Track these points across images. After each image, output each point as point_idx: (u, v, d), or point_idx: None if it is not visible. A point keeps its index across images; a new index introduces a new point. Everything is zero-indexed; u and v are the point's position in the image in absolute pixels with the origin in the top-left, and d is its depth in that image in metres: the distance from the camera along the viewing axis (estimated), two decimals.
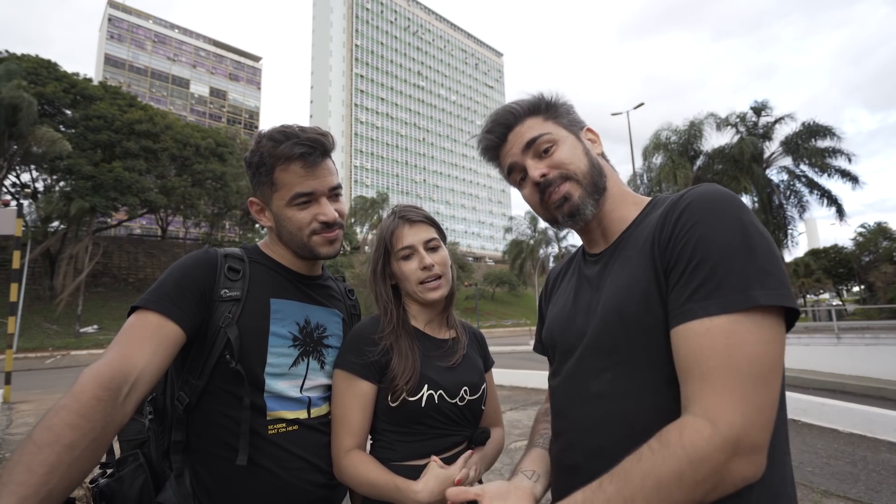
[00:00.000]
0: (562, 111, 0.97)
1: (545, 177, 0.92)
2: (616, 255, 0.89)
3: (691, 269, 0.69)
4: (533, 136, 0.93)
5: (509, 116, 0.96)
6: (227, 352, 1.02)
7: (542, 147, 0.92)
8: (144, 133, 27.21)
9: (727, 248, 0.67)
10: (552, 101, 0.98)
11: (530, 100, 0.97)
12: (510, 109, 0.97)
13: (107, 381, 0.81)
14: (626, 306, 0.79)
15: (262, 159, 1.11)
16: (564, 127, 0.96)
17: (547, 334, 1.04)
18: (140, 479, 1.03)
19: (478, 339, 1.38)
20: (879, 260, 36.46)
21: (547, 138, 0.92)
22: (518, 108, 0.96)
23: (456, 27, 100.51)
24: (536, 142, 0.92)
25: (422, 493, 1.00)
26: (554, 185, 0.91)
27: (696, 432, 0.61)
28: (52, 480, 0.68)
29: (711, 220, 0.70)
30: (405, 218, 1.24)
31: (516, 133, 0.95)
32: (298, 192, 1.11)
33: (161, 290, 0.99)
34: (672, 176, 24.61)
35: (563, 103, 0.99)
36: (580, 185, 0.91)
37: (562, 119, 0.97)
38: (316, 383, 1.16)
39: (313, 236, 1.14)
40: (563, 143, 0.93)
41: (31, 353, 18.93)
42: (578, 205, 0.90)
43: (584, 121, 1.00)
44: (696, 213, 0.72)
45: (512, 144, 0.96)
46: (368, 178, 76.14)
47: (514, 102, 0.98)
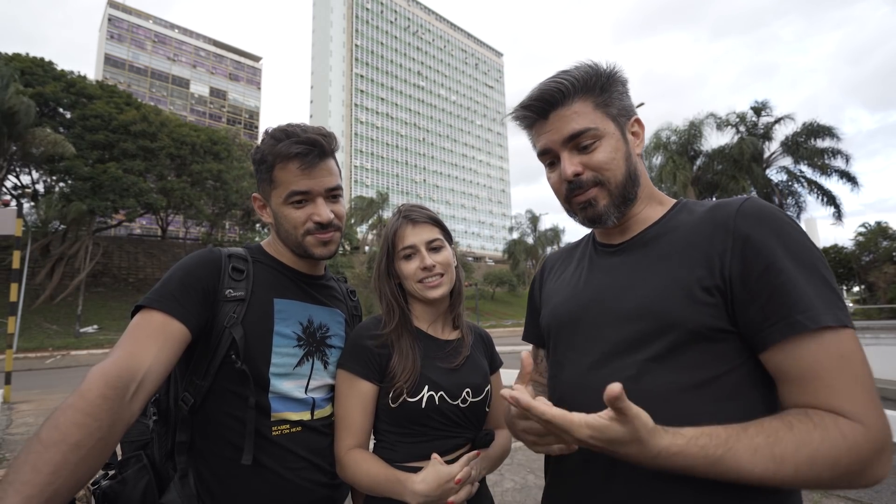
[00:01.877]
0: (615, 95, 0.87)
1: (578, 176, 0.85)
2: (643, 251, 0.86)
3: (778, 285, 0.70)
4: (577, 129, 0.84)
5: (557, 94, 0.85)
6: (232, 352, 1.03)
7: (584, 142, 0.85)
8: (140, 133, 27.15)
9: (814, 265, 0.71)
10: (609, 79, 0.87)
11: (585, 73, 0.86)
12: (559, 86, 0.85)
13: (114, 380, 0.81)
14: (665, 306, 0.77)
15: (263, 156, 1.12)
16: (613, 118, 0.87)
17: (551, 319, 0.99)
18: (143, 480, 1.03)
19: (484, 340, 1.38)
20: (879, 260, 36.46)
21: (592, 133, 0.84)
22: (569, 84, 0.84)
23: (456, 27, 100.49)
24: (581, 136, 0.84)
25: (420, 485, 1.00)
26: (583, 188, 0.86)
27: (853, 428, 0.64)
28: (58, 480, 0.68)
29: (787, 239, 0.73)
30: (409, 218, 1.25)
31: (560, 116, 0.85)
32: (294, 191, 1.11)
33: (165, 289, 0.99)
34: (672, 176, 24.61)
35: (619, 82, 0.88)
36: (610, 193, 0.86)
37: (612, 107, 0.87)
38: (320, 384, 1.17)
39: (307, 236, 1.14)
40: (606, 141, 0.85)
41: (31, 353, 18.91)
42: (602, 213, 0.86)
43: (633, 106, 0.91)
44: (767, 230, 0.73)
45: (552, 127, 0.86)
46: (368, 178, 76.11)
47: (565, 75, 0.86)
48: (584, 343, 0.88)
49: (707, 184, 25.71)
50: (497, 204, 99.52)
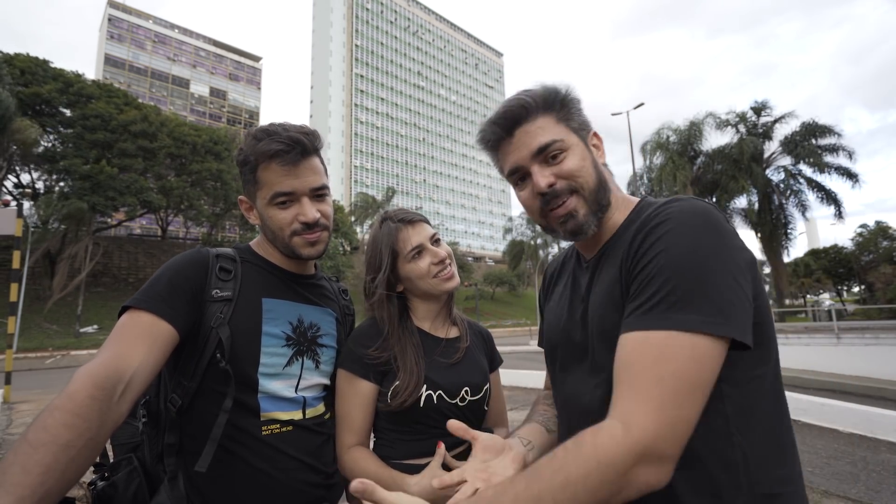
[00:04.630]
0: (574, 111, 0.91)
1: (552, 187, 0.86)
2: (601, 265, 0.89)
3: (644, 283, 0.71)
4: (545, 142, 0.86)
5: (521, 111, 0.88)
6: (218, 352, 1.02)
7: (551, 153, 0.87)
8: (140, 133, 27.11)
9: (680, 268, 0.69)
10: (567, 98, 0.90)
11: (544, 93, 0.89)
12: (522, 103, 0.88)
13: (101, 381, 0.80)
14: (604, 322, 0.80)
15: (245, 157, 1.10)
16: (575, 131, 0.90)
17: (547, 339, 1.03)
18: (134, 483, 1.03)
19: (485, 338, 1.39)
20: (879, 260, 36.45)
21: (559, 145, 0.86)
22: (531, 101, 0.88)
23: (456, 27, 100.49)
24: (548, 148, 0.86)
25: (414, 488, 1.02)
26: (561, 198, 0.86)
27: (609, 435, 0.62)
28: (49, 481, 0.68)
29: (674, 239, 0.71)
30: (404, 220, 1.25)
31: (525, 131, 0.88)
32: (278, 192, 1.09)
33: (153, 289, 0.98)
34: (672, 176, 24.62)
35: (575, 100, 0.92)
36: (586, 201, 0.87)
37: (573, 121, 0.90)
38: (311, 383, 1.16)
39: (294, 237, 1.12)
40: (573, 151, 0.87)
41: (31, 353, 18.92)
42: (582, 224, 0.87)
43: (589, 121, 0.94)
44: (662, 230, 0.73)
45: (519, 143, 0.89)
46: (368, 178, 76.12)
47: (525, 94, 0.89)
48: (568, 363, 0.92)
49: (707, 184, 25.70)
50: (497, 204, 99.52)
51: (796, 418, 5.79)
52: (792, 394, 6.34)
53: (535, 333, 26.31)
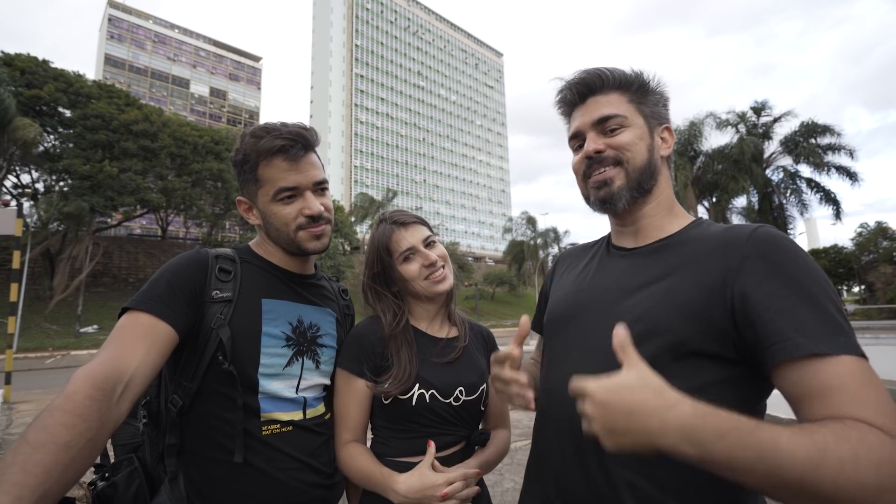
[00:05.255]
0: (651, 99, 0.93)
1: (599, 153, 0.90)
2: (651, 258, 0.88)
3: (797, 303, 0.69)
4: (608, 113, 0.89)
5: (597, 80, 0.92)
6: (219, 353, 1.02)
7: (610, 126, 0.90)
8: (142, 133, 27.10)
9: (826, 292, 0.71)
10: (645, 84, 0.93)
11: (625, 73, 0.93)
12: (601, 74, 0.92)
13: (101, 382, 0.80)
14: (657, 315, 0.78)
15: (245, 157, 1.10)
16: (644, 115, 0.92)
17: (551, 312, 1.02)
18: (135, 483, 1.03)
19: (485, 338, 1.39)
20: (879, 260, 36.45)
21: (619, 120, 0.89)
22: (610, 76, 0.92)
23: (456, 27, 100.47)
24: (609, 120, 0.89)
25: (401, 486, 1.04)
26: (603, 164, 0.90)
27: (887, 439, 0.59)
28: (49, 481, 0.68)
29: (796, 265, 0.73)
30: (398, 222, 1.26)
31: (596, 100, 0.92)
32: (282, 187, 1.10)
33: (152, 291, 0.98)
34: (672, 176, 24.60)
35: (656, 91, 0.94)
36: (627, 175, 0.89)
37: (646, 107, 0.92)
38: (311, 383, 1.16)
39: (299, 231, 1.13)
40: (632, 129, 0.90)
41: (31, 353, 18.91)
42: (614, 193, 0.89)
43: (668, 117, 0.96)
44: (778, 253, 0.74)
45: (587, 110, 0.93)
46: (368, 178, 76.11)
47: (608, 68, 0.93)
48: (576, 339, 0.90)
49: (707, 184, 25.70)
50: (497, 204, 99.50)
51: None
52: None
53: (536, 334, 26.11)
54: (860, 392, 0.64)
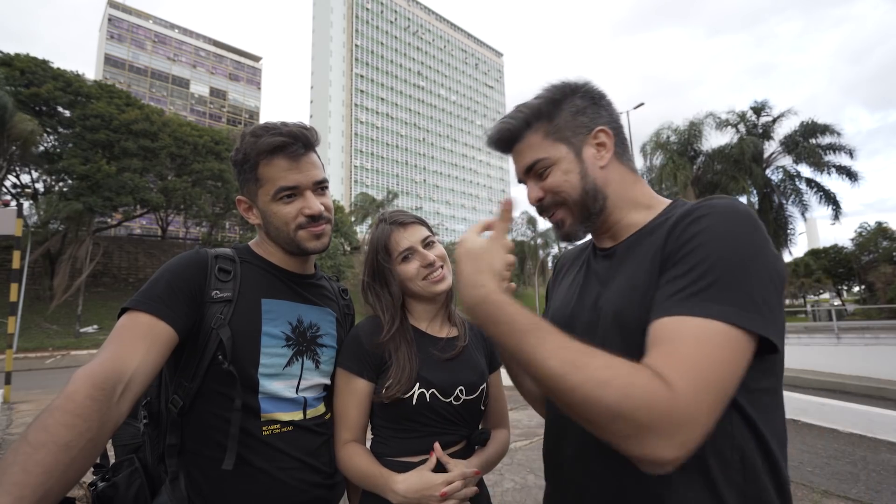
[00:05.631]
0: (566, 113, 0.90)
1: (540, 201, 0.93)
2: (625, 255, 0.89)
3: (684, 270, 0.70)
4: (528, 162, 0.92)
5: (507, 134, 0.94)
6: (219, 353, 1.02)
7: (538, 170, 0.92)
8: (142, 132, 27.08)
9: (724, 258, 0.68)
10: (560, 103, 0.91)
11: (535, 105, 0.91)
12: (508, 126, 0.93)
13: (101, 382, 0.80)
14: (624, 309, 0.80)
15: (245, 156, 1.10)
16: (566, 141, 0.90)
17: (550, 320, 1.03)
18: (136, 484, 1.03)
19: (485, 338, 1.38)
20: (879, 260, 36.46)
21: (543, 163, 0.91)
22: (514, 123, 0.92)
23: (456, 27, 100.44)
24: (534, 167, 0.92)
25: (399, 486, 1.04)
26: (549, 211, 0.94)
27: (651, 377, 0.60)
28: (50, 481, 0.68)
29: (718, 231, 0.71)
30: (397, 222, 1.27)
31: (517, 151, 0.95)
32: (282, 187, 1.10)
33: (152, 291, 0.98)
34: (672, 176, 24.61)
35: (574, 101, 0.91)
36: (571, 212, 0.91)
37: (565, 130, 0.90)
38: (311, 383, 1.16)
39: (299, 231, 1.13)
40: (559, 165, 0.90)
41: (31, 353, 18.91)
42: (569, 232, 0.93)
43: (597, 118, 0.91)
44: (705, 223, 0.73)
45: (515, 160, 0.96)
46: (368, 178, 76.09)
47: (516, 112, 0.93)
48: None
49: (707, 184, 25.69)
50: (497, 204, 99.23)
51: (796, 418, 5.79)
52: (792, 394, 6.34)
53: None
54: (675, 346, 0.64)
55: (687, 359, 0.62)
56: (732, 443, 0.71)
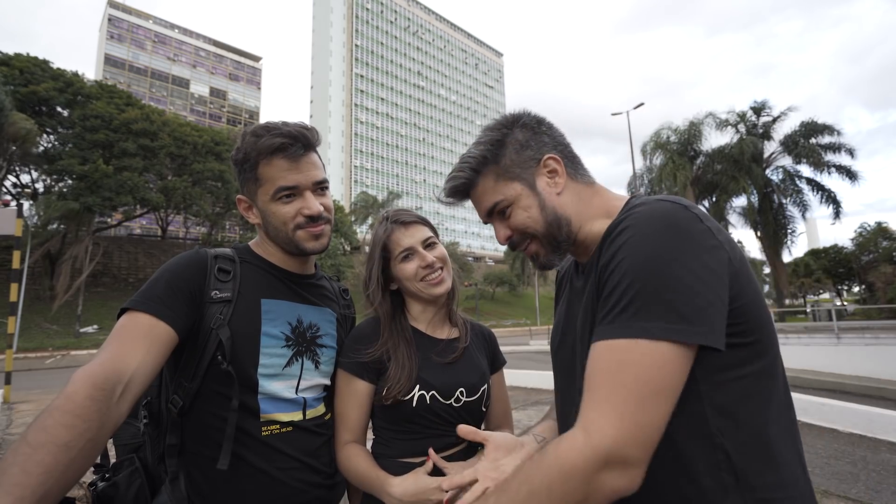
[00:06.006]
0: (512, 153, 0.90)
1: (510, 239, 0.94)
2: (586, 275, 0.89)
3: (609, 292, 0.71)
4: (488, 206, 0.93)
5: (461, 187, 0.95)
6: (219, 353, 1.02)
7: (500, 210, 0.93)
8: (141, 132, 27.05)
9: (641, 275, 0.68)
10: (502, 142, 0.91)
11: (478, 152, 0.91)
12: (458, 180, 0.94)
13: (100, 382, 0.80)
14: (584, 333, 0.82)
15: (246, 156, 1.10)
16: (518, 178, 0.89)
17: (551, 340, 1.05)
18: (136, 483, 1.03)
19: (486, 339, 1.38)
20: (879, 260, 36.46)
21: (502, 205, 0.92)
22: (464, 175, 0.93)
23: (456, 27, 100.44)
24: (495, 209, 0.93)
25: (395, 489, 1.04)
26: (521, 246, 0.94)
27: (571, 442, 0.63)
28: (49, 481, 0.68)
29: (634, 247, 0.71)
30: (399, 221, 1.26)
31: (474, 198, 0.96)
32: (282, 186, 1.09)
33: (151, 291, 0.98)
34: (672, 176, 24.62)
35: (514, 137, 0.91)
36: (541, 244, 0.92)
37: (514, 168, 0.90)
38: (311, 384, 1.16)
39: (298, 230, 1.12)
40: (516, 205, 0.90)
41: (31, 353, 18.92)
42: (544, 262, 0.93)
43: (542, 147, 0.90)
44: (623, 238, 0.73)
45: (476, 206, 0.97)
46: (368, 178, 76.11)
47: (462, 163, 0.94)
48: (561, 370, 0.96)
49: (707, 184, 25.71)
50: None
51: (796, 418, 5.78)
52: (792, 394, 6.33)
53: (536, 334, 26.30)
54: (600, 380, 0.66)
55: (608, 393, 0.63)
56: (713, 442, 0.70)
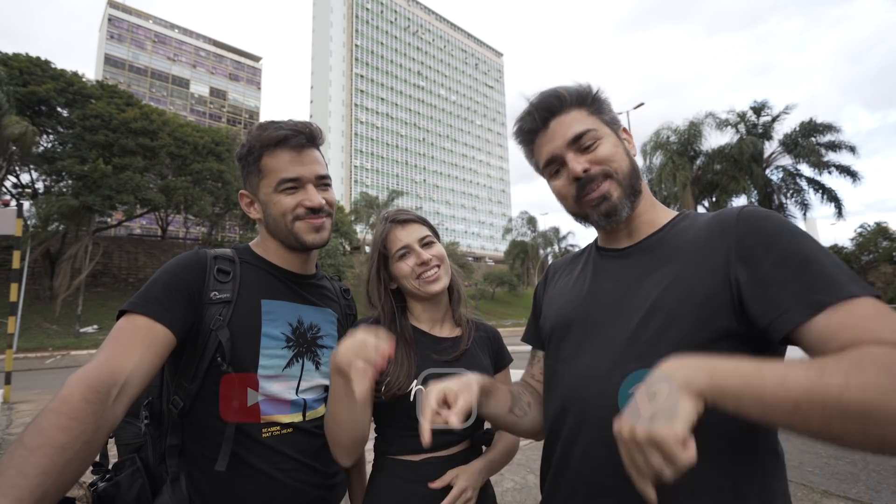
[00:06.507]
0: (605, 107, 0.96)
1: (587, 172, 0.90)
2: (649, 254, 0.88)
3: (792, 271, 0.70)
4: (580, 130, 0.90)
5: (555, 101, 0.93)
6: (218, 355, 1.02)
7: (586, 142, 0.90)
8: (141, 131, 27.04)
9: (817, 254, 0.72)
10: (598, 95, 0.95)
11: (578, 88, 0.94)
12: (558, 94, 0.93)
13: (95, 384, 0.80)
14: (671, 305, 0.78)
15: (250, 149, 1.12)
16: (607, 124, 0.94)
17: (556, 321, 1.00)
18: (137, 483, 1.04)
19: (490, 338, 1.38)
20: (879, 260, 36.49)
21: (593, 134, 0.90)
22: (566, 94, 0.93)
23: (456, 27, 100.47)
24: (583, 137, 0.90)
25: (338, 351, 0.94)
26: (595, 182, 0.90)
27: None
28: (47, 482, 0.68)
29: (787, 234, 0.75)
30: (396, 220, 1.27)
31: (560, 122, 0.92)
32: (284, 178, 1.11)
33: (150, 293, 0.98)
34: (672, 176, 24.61)
35: (606, 99, 0.97)
36: (620, 184, 0.90)
37: (605, 115, 0.95)
38: (312, 384, 1.15)
39: (297, 222, 1.13)
40: (606, 139, 0.91)
41: (31, 353, 18.92)
42: (616, 205, 0.90)
43: (619, 120, 0.99)
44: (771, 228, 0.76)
45: (554, 134, 0.92)
46: (368, 178, 76.13)
47: (560, 88, 0.94)
48: (590, 338, 0.89)
49: (707, 184, 25.70)
50: (497, 204, 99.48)
51: None
52: None
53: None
54: (872, 321, 0.63)
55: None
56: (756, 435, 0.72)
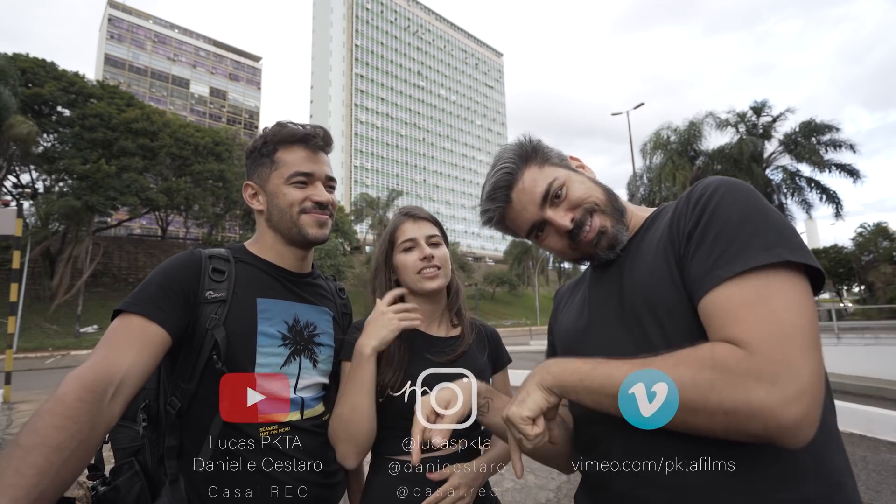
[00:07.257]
0: (548, 152, 0.95)
1: (573, 220, 0.89)
2: (630, 255, 0.89)
3: (711, 239, 0.69)
4: (544, 187, 0.90)
5: (507, 177, 0.92)
6: (214, 354, 1.02)
7: (553, 194, 0.90)
8: (141, 131, 27.05)
9: (745, 216, 0.68)
10: (537, 144, 0.95)
11: (515, 149, 0.94)
12: (506, 170, 0.92)
13: (90, 384, 0.81)
14: (651, 291, 0.78)
15: (266, 143, 1.16)
16: (559, 166, 0.93)
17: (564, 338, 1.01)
18: (136, 487, 1.03)
19: (488, 337, 1.38)
20: (879, 260, 36.48)
21: (556, 184, 0.89)
22: (511, 164, 0.93)
23: (456, 27, 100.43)
24: (550, 191, 0.89)
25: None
26: (586, 223, 0.89)
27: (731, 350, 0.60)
28: (44, 482, 0.69)
29: (727, 197, 0.72)
30: (410, 215, 1.31)
31: (520, 191, 0.92)
32: (298, 171, 1.14)
33: (144, 293, 0.98)
34: (672, 176, 24.61)
35: (541, 143, 0.97)
36: (607, 214, 0.89)
37: (553, 159, 0.94)
38: (309, 382, 1.15)
39: (303, 214, 1.15)
40: (570, 180, 0.91)
41: (31, 353, 18.93)
42: (615, 235, 0.88)
43: (559, 152, 0.98)
44: (709, 193, 0.74)
45: (521, 204, 0.92)
46: (368, 178, 76.09)
47: (502, 160, 0.94)
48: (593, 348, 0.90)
49: None
50: None
51: None
52: None
53: (536, 333, 26.29)
54: (742, 310, 0.62)
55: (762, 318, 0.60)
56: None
